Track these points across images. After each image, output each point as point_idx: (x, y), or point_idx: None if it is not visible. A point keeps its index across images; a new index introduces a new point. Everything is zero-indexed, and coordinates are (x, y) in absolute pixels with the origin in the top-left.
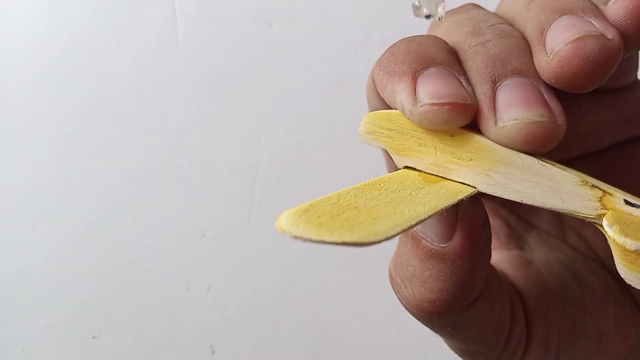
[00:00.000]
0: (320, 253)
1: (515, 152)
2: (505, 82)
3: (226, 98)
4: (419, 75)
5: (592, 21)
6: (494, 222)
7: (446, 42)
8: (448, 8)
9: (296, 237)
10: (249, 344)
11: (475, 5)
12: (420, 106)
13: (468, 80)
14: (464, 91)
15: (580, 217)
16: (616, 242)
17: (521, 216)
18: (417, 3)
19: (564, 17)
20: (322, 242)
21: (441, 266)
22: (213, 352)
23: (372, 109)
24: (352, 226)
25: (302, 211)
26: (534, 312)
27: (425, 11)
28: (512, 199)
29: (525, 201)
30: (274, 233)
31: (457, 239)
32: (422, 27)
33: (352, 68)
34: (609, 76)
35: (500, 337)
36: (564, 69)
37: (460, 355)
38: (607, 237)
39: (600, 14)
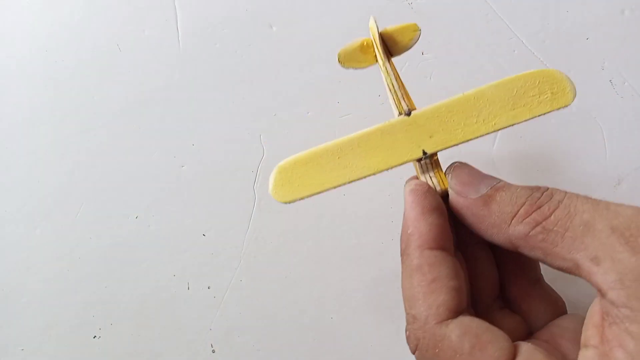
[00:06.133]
0: (320, 253)
1: None
2: None
3: (226, 98)
4: None
5: None
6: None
7: None
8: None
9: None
10: (249, 343)
11: None
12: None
13: None
14: None
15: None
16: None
17: None
18: None
19: None
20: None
21: None
22: (213, 352)
23: None
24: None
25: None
26: None
27: None
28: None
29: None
30: (274, 233)
31: None
32: (420, 28)
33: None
34: None
35: None
36: None
37: None
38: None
39: None
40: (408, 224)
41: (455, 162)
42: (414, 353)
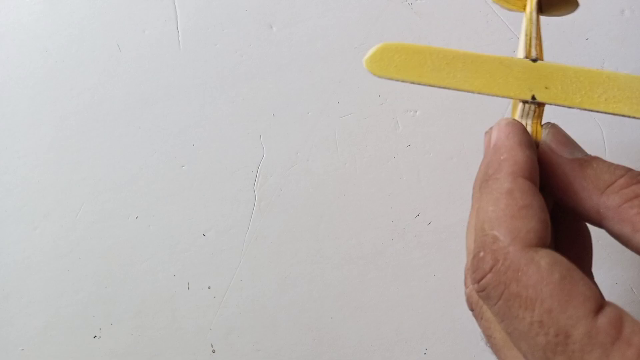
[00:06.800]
0: (320, 253)
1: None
2: None
3: (226, 98)
4: None
5: None
6: None
7: None
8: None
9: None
10: (249, 343)
11: None
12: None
13: None
14: None
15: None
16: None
17: None
18: None
19: None
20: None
21: None
22: (214, 351)
23: None
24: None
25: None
26: None
27: None
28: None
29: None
30: (274, 233)
31: None
32: (420, 28)
33: (352, 68)
34: None
35: None
36: None
37: None
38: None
39: None
40: (502, 150)
41: (552, 123)
42: (481, 278)
